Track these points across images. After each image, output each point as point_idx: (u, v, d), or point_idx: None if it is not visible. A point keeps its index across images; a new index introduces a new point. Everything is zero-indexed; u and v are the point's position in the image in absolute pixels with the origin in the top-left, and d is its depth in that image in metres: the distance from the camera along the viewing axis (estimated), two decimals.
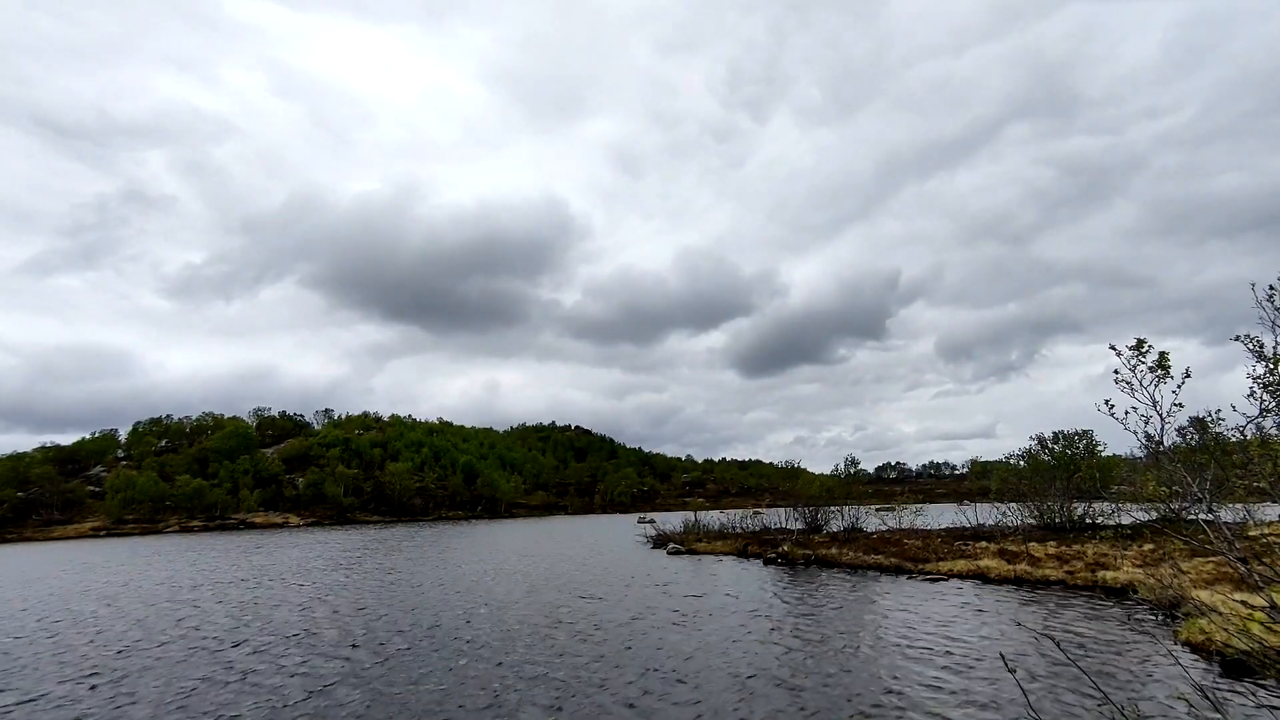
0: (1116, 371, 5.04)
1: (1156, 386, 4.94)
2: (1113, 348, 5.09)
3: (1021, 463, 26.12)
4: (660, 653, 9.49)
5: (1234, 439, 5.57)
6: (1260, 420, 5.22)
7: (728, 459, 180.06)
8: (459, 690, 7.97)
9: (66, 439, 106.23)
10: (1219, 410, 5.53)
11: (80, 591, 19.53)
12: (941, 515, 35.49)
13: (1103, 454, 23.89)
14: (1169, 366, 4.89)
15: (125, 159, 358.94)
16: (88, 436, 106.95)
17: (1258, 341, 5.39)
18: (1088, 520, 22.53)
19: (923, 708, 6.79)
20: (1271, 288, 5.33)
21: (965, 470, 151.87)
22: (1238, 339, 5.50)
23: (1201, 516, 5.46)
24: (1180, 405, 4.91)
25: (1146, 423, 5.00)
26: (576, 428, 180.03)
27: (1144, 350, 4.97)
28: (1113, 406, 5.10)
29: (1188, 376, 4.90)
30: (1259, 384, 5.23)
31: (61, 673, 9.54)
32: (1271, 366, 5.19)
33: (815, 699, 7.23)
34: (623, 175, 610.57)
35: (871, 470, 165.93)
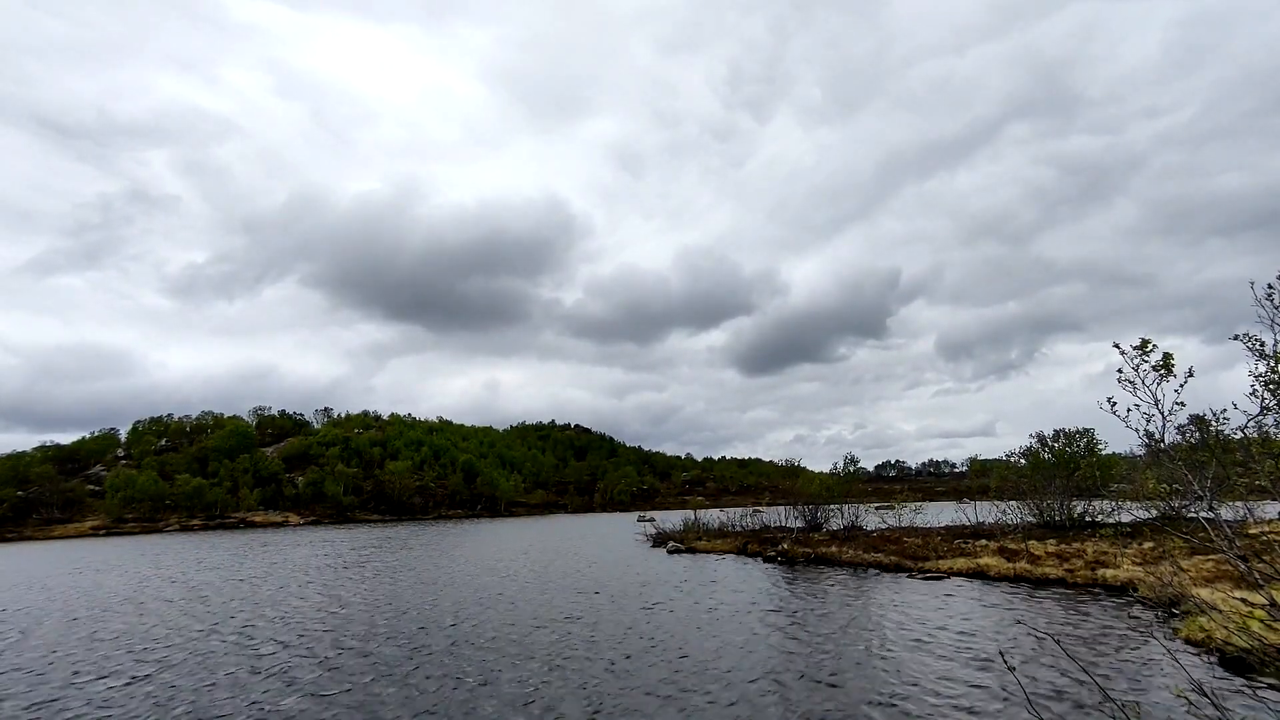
0: (1120, 370, 5.05)
1: (1159, 385, 4.95)
2: (1116, 346, 5.10)
3: (1021, 461, 26.12)
4: (681, 651, 9.54)
5: (1235, 437, 5.58)
6: (1261, 418, 5.23)
7: (727, 457, 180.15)
8: (522, 680, 8.12)
9: (67, 438, 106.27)
10: (1224, 410, 5.53)
11: (96, 590, 19.53)
12: (941, 513, 35.52)
13: (1103, 452, 23.90)
14: (1173, 366, 4.90)
15: (127, 159, 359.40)
16: (87, 436, 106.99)
17: (1258, 340, 5.39)
18: (1087, 518, 22.55)
19: (924, 705, 6.81)
20: (1270, 286, 5.33)
21: (965, 468, 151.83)
22: (1236, 338, 5.51)
23: (1201, 514, 5.47)
24: (1182, 404, 4.92)
25: (1148, 421, 5.01)
26: (576, 426, 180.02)
27: (1148, 350, 4.97)
28: (1115, 404, 5.11)
29: (1190, 376, 4.91)
30: (1260, 382, 5.24)
31: (92, 671, 9.57)
32: (1273, 365, 5.20)
33: (821, 696, 7.25)
34: (623, 175, 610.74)
35: (871, 468, 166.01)
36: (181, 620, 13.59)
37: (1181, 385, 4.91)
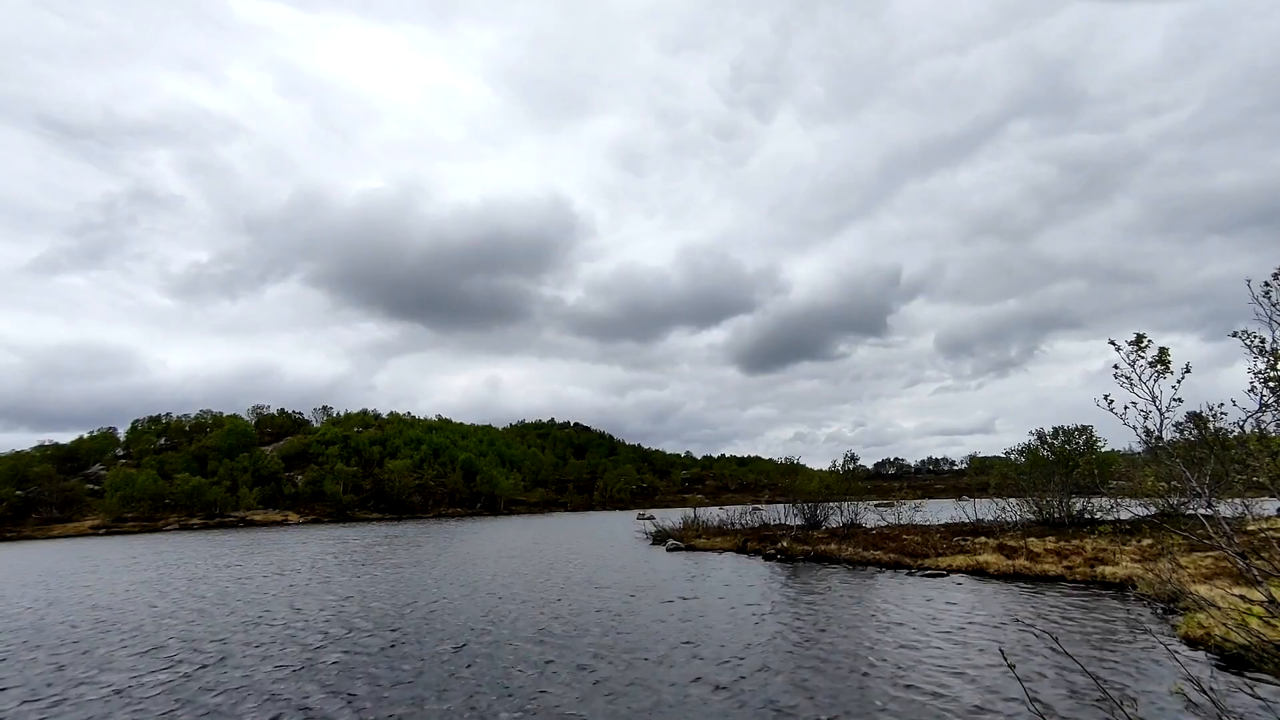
0: (1116, 367, 5.03)
1: (1156, 382, 4.93)
2: (1113, 343, 5.08)
3: (1020, 458, 26.14)
4: (683, 650, 9.54)
5: (1234, 434, 5.56)
6: (1260, 415, 5.21)
7: (727, 455, 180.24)
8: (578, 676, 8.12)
9: (68, 438, 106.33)
10: (1222, 405, 5.52)
11: (122, 588, 19.53)
12: (940, 511, 35.55)
13: (1102, 449, 23.91)
14: (1169, 362, 4.89)
15: (132, 159, 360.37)
16: (86, 435, 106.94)
17: (1257, 338, 5.37)
18: (1086, 515, 22.56)
19: (924, 703, 6.80)
20: (1267, 284, 5.31)
21: (964, 466, 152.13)
22: (1235, 335, 5.49)
23: (1200, 511, 5.46)
24: (1180, 400, 4.90)
25: (1146, 418, 4.99)
26: (575, 424, 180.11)
27: (1144, 346, 4.96)
28: (1112, 402, 5.09)
29: (1187, 371, 4.89)
30: (1259, 379, 5.23)
31: (142, 666, 9.58)
32: (1272, 362, 5.19)
33: (823, 695, 7.25)
34: (626, 173, 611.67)
35: (870, 466, 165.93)
36: (216, 616, 13.65)
37: (1178, 381, 4.90)
